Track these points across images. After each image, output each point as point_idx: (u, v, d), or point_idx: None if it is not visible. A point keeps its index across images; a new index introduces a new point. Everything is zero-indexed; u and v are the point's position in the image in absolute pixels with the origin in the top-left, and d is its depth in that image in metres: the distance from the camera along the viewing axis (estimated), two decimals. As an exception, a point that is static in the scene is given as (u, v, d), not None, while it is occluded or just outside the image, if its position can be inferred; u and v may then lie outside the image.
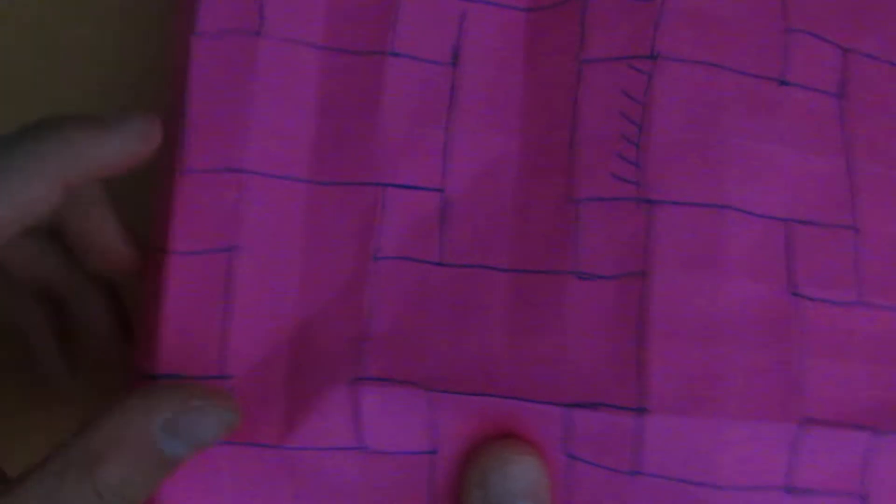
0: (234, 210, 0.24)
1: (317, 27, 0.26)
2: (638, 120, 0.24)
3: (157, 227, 0.25)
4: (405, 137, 0.25)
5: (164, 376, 0.24)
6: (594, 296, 0.24)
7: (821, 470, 0.23)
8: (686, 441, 0.23)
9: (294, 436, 0.24)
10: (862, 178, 0.25)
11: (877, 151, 0.25)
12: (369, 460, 0.24)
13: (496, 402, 0.23)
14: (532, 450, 0.23)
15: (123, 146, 0.23)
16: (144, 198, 0.27)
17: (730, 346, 0.23)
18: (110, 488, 0.21)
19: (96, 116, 0.23)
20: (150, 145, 0.24)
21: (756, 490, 0.23)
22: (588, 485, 0.23)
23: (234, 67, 0.25)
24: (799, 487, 0.23)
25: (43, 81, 0.32)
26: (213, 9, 0.25)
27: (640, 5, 0.25)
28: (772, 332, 0.24)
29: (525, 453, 0.23)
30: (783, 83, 0.25)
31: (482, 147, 0.26)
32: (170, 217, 0.25)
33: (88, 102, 0.32)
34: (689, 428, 0.23)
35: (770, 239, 0.24)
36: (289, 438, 0.24)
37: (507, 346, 0.24)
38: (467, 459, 0.24)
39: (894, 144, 0.26)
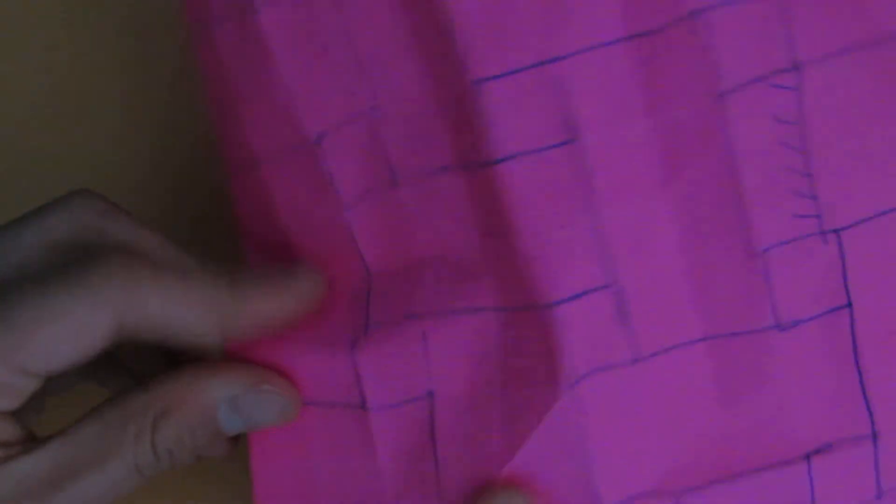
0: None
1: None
2: (799, 146, 0.22)
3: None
4: (553, 244, 0.22)
5: None
6: (800, 343, 0.23)
7: None
8: None
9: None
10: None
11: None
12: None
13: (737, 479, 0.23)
14: None
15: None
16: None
17: None
18: (165, 446, 0.22)
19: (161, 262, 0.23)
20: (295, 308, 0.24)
21: None
22: None
23: None
24: None
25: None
26: None
27: (764, 6, 0.21)
28: None
29: None
30: None
31: (635, 221, 0.22)
32: None
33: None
34: None
35: None
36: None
37: (724, 420, 0.23)
38: None
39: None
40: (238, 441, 0.25)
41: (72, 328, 0.21)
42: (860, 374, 0.23)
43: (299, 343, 0.24)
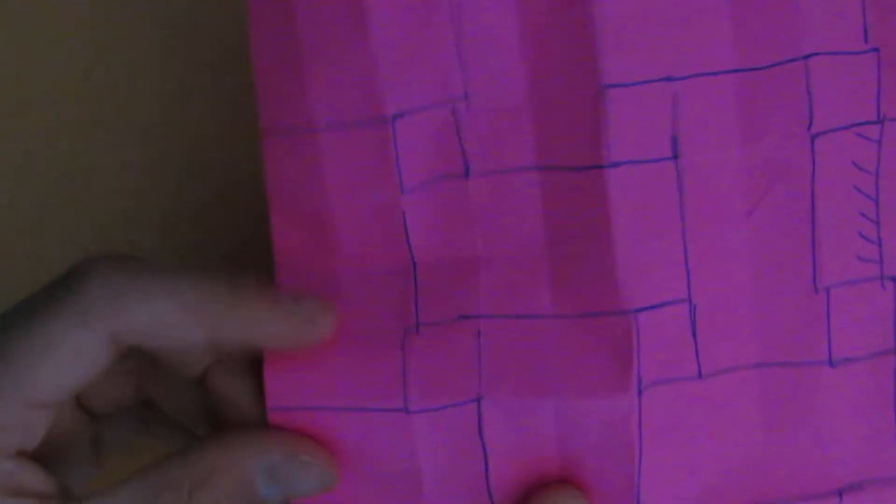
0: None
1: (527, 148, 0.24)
2: (873, 194, 0.23)
3: None
4: (645, 253, 0.23)
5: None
6: (847, 380, 0.24)
7: None
8: None
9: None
10: None
11: None
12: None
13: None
14: None
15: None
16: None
17: None
18: None
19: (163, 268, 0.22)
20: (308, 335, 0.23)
21: None
22: None
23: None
24: None
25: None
26: None
27: (863, 60, 0.23)
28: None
29: None
30: None
31: (717, 243, 0.23)
32: None
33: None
34: None
35: None
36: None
37: (765, 445, 0.24)
38: None
39: None
40: None
41: (69, 354, 0.21)
42: None
43: (344, 343, 0.23)
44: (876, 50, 0.23)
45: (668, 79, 0.22)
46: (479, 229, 0.24)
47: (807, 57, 0.23)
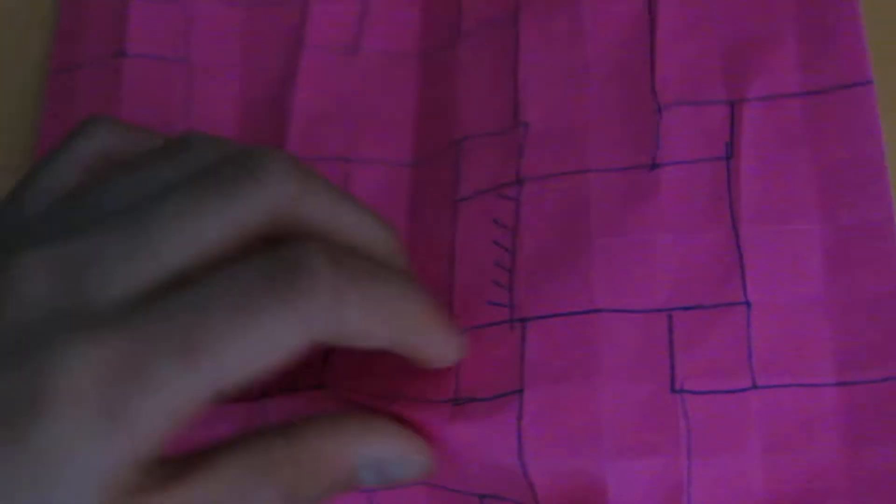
0: None
1: None
2: (509, 245, 0.25)
3: None
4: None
5: None
6: (473, 421, 0.23)
7: None
8: None
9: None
10: (751, 245, 0.24)
11: (766, 205, 0.24)
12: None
13: None
14: None
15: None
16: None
17: (608, 456, 0.22)
18: (302, 498, 0.21)
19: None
20: None
21: None
22: None
23: None
24: None
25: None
26: None
27: (507, 139, 0.26)
28: (652, 434, 0.22)
29: None
30: (655, 166, 0.24)
31: None
32: None
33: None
34: None
35: (652, 333, 0.23)
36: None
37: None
38: None
39: (786, 192, 0.24)
40: None
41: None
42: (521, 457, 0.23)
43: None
44: (526, 124, 0.26)
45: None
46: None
47: (459, 141, 0.27)
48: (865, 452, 0.22)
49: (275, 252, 0.19)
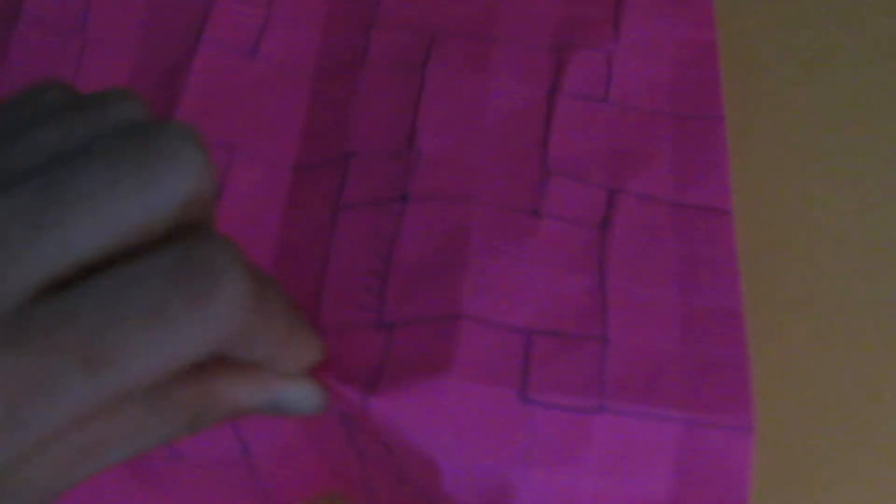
0: None
1: None
2: (385, 255, 0.26)
3: None
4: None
5: None
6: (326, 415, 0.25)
7: None
8: None
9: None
10: (615, 298, 0.25)
11: (632, 270, 0.26)
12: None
13: None
14: None
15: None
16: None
17: (445, 450, 0.23)
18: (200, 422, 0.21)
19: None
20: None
21: None
22: None
23: None
24: None
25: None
26: None
27: (398, 161, 0.27)
28: (496, 438, 0.23)
29: None
30: (536, 213, 0.26)
31: None
32: None
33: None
34: None
35: (508, 346, 0.24)
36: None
37: None
38: None
39: (650, 265, 0.26)
40: None
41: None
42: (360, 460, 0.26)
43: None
44: (420, 151, 0.27)
45: None
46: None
47: (348, 155, 0.28)
48: (691, 491, 0.23)
49: (188, 249, 0.17)
